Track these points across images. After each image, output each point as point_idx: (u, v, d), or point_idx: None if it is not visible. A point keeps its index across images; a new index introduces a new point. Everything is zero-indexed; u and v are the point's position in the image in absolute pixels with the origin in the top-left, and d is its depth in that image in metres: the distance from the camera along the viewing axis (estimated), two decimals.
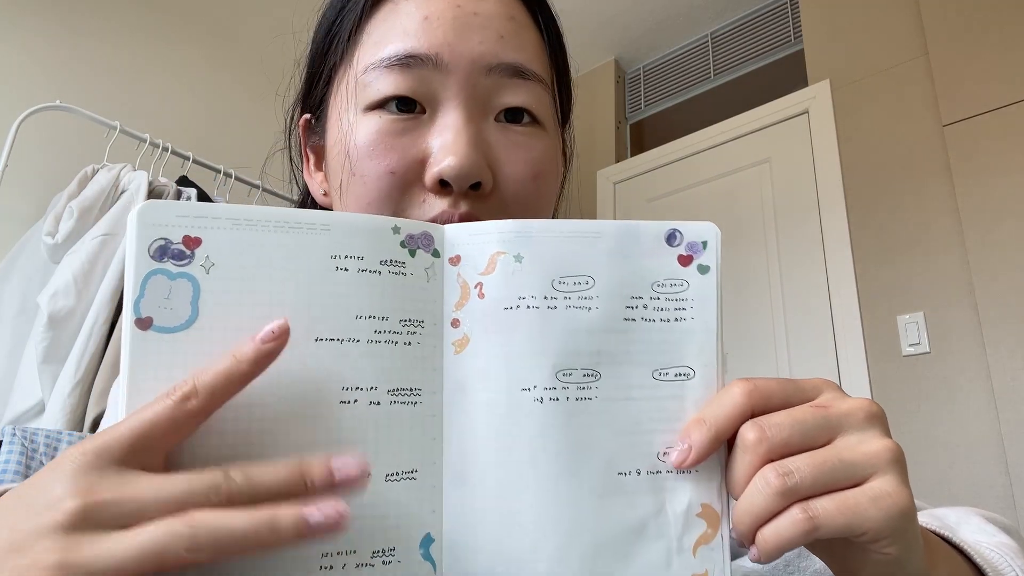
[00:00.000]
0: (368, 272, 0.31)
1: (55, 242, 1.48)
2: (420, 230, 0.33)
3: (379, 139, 0.43)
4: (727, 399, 0.31)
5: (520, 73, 0.45)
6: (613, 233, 0.33)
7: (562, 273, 0.32)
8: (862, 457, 0.29)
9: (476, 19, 0.44)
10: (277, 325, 0.28)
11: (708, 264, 0.33)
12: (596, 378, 0.32)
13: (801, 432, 0.30)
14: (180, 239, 0.29)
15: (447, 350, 0.32)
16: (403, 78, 0.43)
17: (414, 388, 0.31)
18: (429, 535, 0.31)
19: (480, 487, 0.31)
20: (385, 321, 0.31)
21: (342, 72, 0.47)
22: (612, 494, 0.31)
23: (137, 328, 0.28)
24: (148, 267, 0.29)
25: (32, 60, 1.80)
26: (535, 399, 0.31)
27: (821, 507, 0.28)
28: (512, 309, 0.32)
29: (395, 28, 0.44)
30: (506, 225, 0.33)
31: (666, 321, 0.33)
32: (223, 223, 0.30)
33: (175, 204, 0.29)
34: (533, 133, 0.46)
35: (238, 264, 0.30)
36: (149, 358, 0.28)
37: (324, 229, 0.31)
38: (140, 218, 0.29)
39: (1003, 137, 1.78)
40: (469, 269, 0.33)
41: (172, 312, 0.29)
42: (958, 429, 1.71)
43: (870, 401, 0.31)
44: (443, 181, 0.42)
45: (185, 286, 0.29)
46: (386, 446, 0.30)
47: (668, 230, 0.34)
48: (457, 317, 0.33)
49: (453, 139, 0.42)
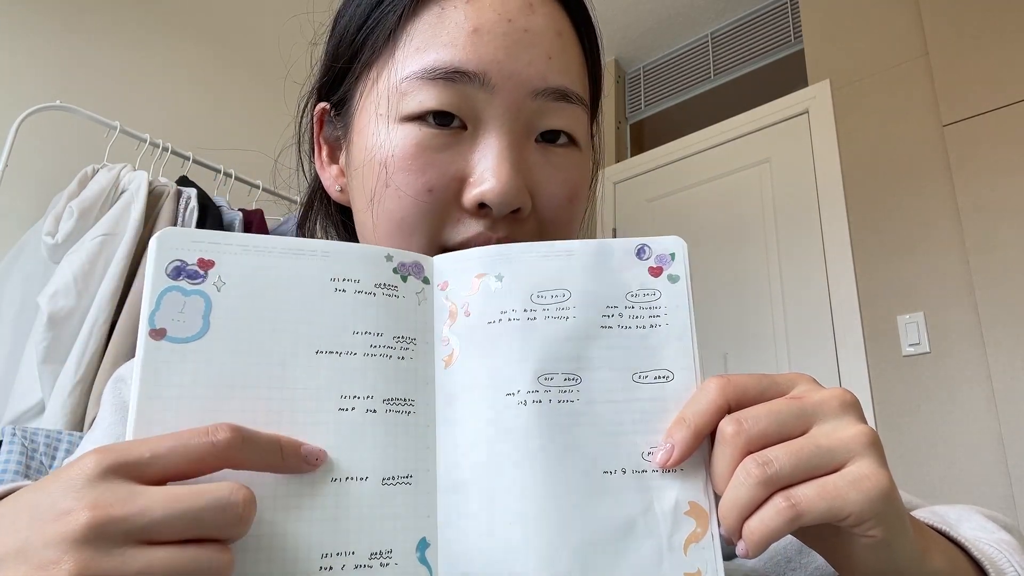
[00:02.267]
0: (364, 293, 0.34)
1: (55, 242, 1.48)
2: (411, 260, 0.36)
3: (417, 153, 0.42)
4: (703, 396, 0.32)
5: (565, 96, 0.44)
6: (585, 251, 0.36)
7: (540, 288, 0.35)
8: (839, 443, 0.30)
9: (526, 36, 0.43)
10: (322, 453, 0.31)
11: (678, 274, 0.36)
12: (577, 382, 0.34)
13: (778, 422, 0.31)
14: (195, 261, 0.32)
15: (438, 365, 0.35)
16: (447, 93, 0.42)
17: (408, 399, 0.33)
18: (425, 539, 0.32)
19: (471, 491, 0.32)
20: (380, 337, 0.34)
21: (376, 72, 0.45)
22: (599, 493, 0.32)
23: (151, 338, 0.31)
24: (164, 284, 0.31)
25: (32, 60, 1.80)
26: (519, 402, 0.33)
27: (802, 494, 0.29)
28: (495, 323, 0.34)
29: (441, 36, 0.43)
30: (486, 251, 0.36)
31: (642, 328, 0.35)
32: (234, 248, 0.33)
33: (192, 232, 0.33)
34: (570, 154, 0.45)
35: (247, 284, 0.32)
36: (161, 366, 0.30)
37: (324, 256, 0.34)
38: (159, 243, 0.32)
39: (1003, 137, 1.78)
40: (456, 293, 0.35)
41: (185, 324, 0.31)
42: (958, 429, 1.71)
43: (843, 390, 0.32)
44: (482, 204, 0.41)
45: (198, 302, 0.32)
46: (382, 451, 0.32)
47: (637, 245, 0.36)
48: (446, 336, 0.35)
49: (496, 163, 0.41)
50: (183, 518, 0.25)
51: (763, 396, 0.32)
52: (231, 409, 0.30)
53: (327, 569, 0.29)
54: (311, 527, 0.30)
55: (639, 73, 3.00)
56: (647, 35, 2.83)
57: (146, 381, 0.30)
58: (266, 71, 2.13)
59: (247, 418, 0.30)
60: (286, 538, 0.29)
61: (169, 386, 0.30)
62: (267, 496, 0.30)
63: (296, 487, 0.30)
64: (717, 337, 2.22)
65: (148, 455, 0.27)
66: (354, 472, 0.31)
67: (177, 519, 0.25)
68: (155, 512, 0.25)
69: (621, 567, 0.31)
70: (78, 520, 0.24)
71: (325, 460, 0.31)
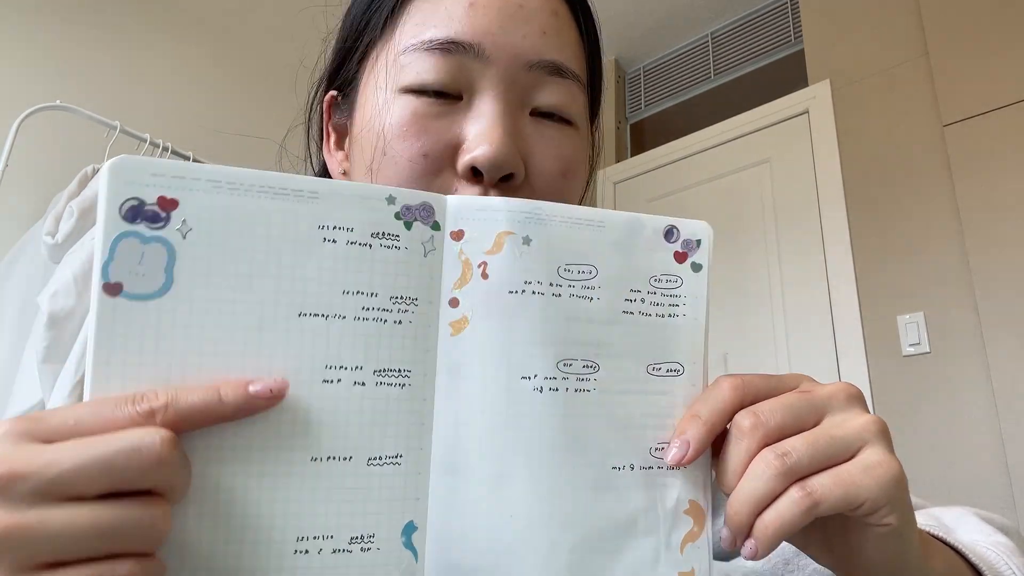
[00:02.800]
0: (358, 245, 0.29)
1: (55, 242, 1.48)
2: (419, 200, 0.31)
3: (414, 120, 0.42)
4: (717, 394, 0.32)
5: (559, 71, 0.45)
6: (617, 224, 0.33)
7: (568, 260, 0.32)
8: (851, 431, 0.30)
9: (521, 12, 0.44)
10: (276, 385, 0.27)
11: (701, 262, 0.34)
12: (595, 370, 0.32)
13: (793, 415, 0.31)
14: (155, 200, 0.27)
15: (443, 330, 0.31)
16: (443, 63, 0.43)
17: (403, 369, 0.30)
18: (412, 523, 0.30)
19: (472, 476, 0.30)
20: (374, 298, 0.29)
21: (379, 50, 0.47)
22: (605, 488, 0.31)
23: (105, 294, 0.26)
24: (118, 228, 0.26)
25: (32, 60, 1.80)
26: (535, 388, 0.31)
27: (818, 483, 0.29)
28: (517, 293, 0.31)
29: (439, 11, 0.44)
30: (516, 204, 0.32)
31: (660, 316, 0.33)
32: (203, 185, 0.27)
33: (151, 161, 0.27)
34: (565, 132, 0.46)
35: (218, 230, 0.27)
36: (117, 326, 0.26)
37: (312, 197, 0.29)
38: (111, 174, 0.26)
39: (1003, 137, 1.78)
40: (473, 246, 0.31)
41: (144, 279, 0.27)
42: (958, 429, 1.71)
43: (848, 384, 0.33)
44: (475, 169, 0.41)
45: (159, 251, 0.27)
46: (369, 429, 0.29)
47: (667, 226, 0.34)
48: (456, 296, 0.31)
49: (489, 127, 0.42)
50: (96, 465, 0.23)
51: (773, 394, 0.32)
52: (199, 378, 0.27)
53: (302, 553, 0.27)
54: (287, 508, 0.28)
55: (639, 73, 3.00)
56: (647, 35, 2.83)
57: (101, 344, 0.26)
58: (267, 71, 2.13)
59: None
60: (260, 519, 0.27)
61: (127, 351, 0.26)
62: (239, 473, 0.27)
63: (272, 466, 0.28)
64: (717, 337, 2.21)
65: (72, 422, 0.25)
66: (336, 452, 0.28)
67: (89, 467, 0.23)
68: (63, 463, 0.23)
69: (619, 565, 0.31)
70: None
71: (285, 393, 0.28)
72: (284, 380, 0.28)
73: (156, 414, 0.25)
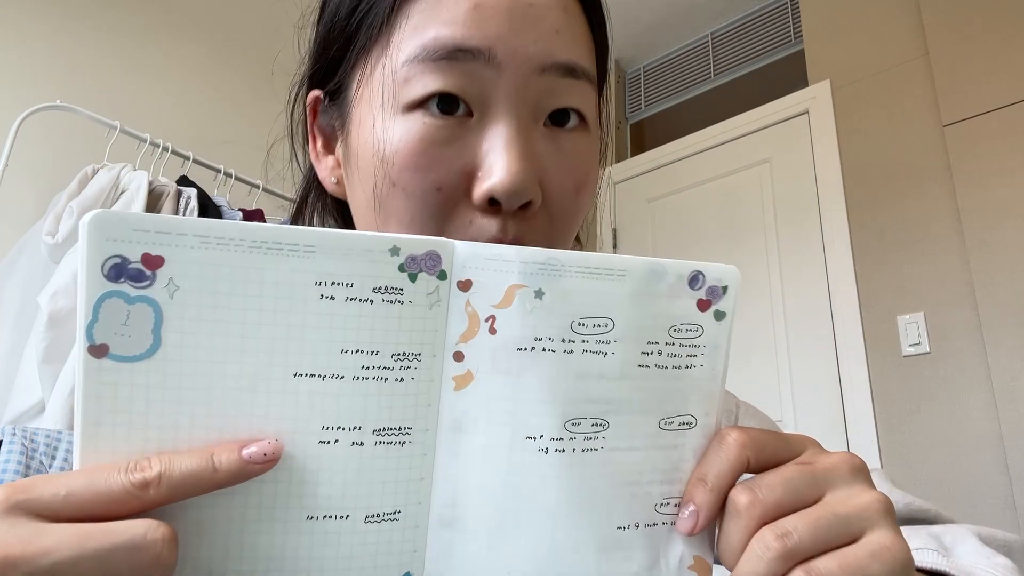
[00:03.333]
0: (358, 301, 0.27)
1: (55, 242, 1.48)
2: (425, 250, 0.28)
3: (423, 148, 0.39)
4: (724, 454, 0.30)
5: (572, 72, 0.42)
6: (637, 272, 0.30)
7: (583, 314, 0.30)
8: (854, 511, 0.29)
9: (532, 11, 0.41)
10: (271, 448, 0.26)
11: (725, 310, 0.32)
12: (604, 427, 0.30)
13: (792, 490, 0.29)
14: (139, 258, 0.25)
15: (445, 385, 0.29)
16: (450, 73, 0.39)
17: (404, 427, 0.29)
18: (409, 574, 0.30)
19: (470, 530, 0.30)
20: (375, 356, 0.28)
21: (375, 59, 0.42)
22: (610, 548, 0.30)
23: (91, 356, 0.25)
24: (102, 288, 0.25)
25: (32, 60, 1.80)
26: (540, 449, 0.30)
27: (824, 567, 0.27)
28: (526, 351, 0.29)
29: (440, 14, 0.40)
30: (530, 254, 0.29)
31: (678, 368, 0.31)
32: (190, 240, 0.26)
33: (133, 216, 0.25)
34: (579, 137, 0.43)
35: (208, 289, 0.26)
36: (105, 388, 0.25)
37: (308, 251, 0.27)
38: (91, 231, 0.25)
39: (1003, 137, 1.78)
40: (481, 298, 0.29)
41: (130, 340, 0.25)
42: (958, 429, 1.71)
43: (852, 454, 0.31)
44: (492, 199, 0.39)
45: (145, 312, 0.25)
46: (368, 488, 0.28)
47: (692, 272, 0.31)
48: (461, 351, 0.29)
49: (504, 153, 0.39)
50: (92, 559, 0.23)
51: (778, 456, 0.30)
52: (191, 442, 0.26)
53: None
54: (283, 565, 0.27)
55: (639, 73, 3.00)
56: (647, 35, 2.83)
57: (88, 407, 0.25)
58: (267, 71, 2.13)
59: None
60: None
61: (116, 412, 0.25)
62: (232, 533, 0.27)
63: (268, 524, 0.27)
64: None
65: (63, 494, 0.24)
66: (333, 511, 0.28)
67: (86, 560, 0.23)
68: (61, 552, 0.23)
69: None
70: None
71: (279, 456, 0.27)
72: (279, 443, 0.27)
73: (150, 486, 0.24)
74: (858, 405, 1.88)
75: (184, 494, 0.25)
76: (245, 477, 0.26)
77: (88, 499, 0.24)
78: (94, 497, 0.24)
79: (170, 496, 0.25)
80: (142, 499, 0.24)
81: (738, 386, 2.15)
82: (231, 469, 0.26)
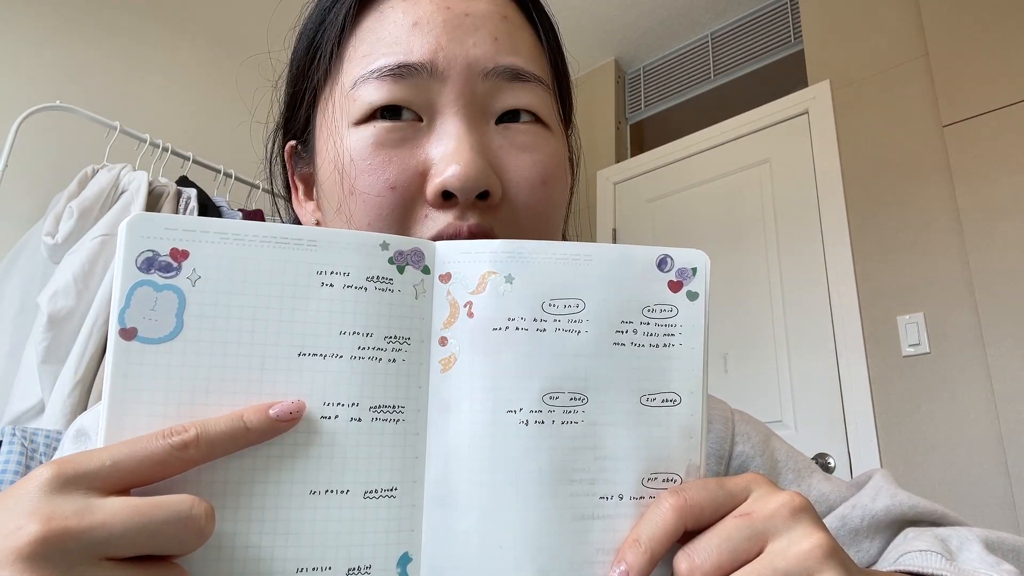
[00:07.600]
0: (354, 288, 0.31)
1: (55, 242, 1.48)
2: (410, 247, 0.33)
3: (375, 151, 0.41)
4: (659, 518, 0.31)
5: (518, 76, 0.43)
6: (605, 257, 0.33)
7: (553, 296, 0.33)
8: (795, 562, 0.29)
9: (468, 20, 0.42)
10: (295, 406, 0.29)
11: (697, 291, 0.34)
12: (583, 402, 0.32)
13: (731, 550, 0.29)
14: (167, 252, 0.29)
15: (433, 368, 0.32)
16: (396, 88, 0.41)
17: (397, 405, 0.31)
18: (407, 554, 0.31)
19: (462, 508, 0.31)
20: (369, 338, 0.31)
21: (328, 90, 0.45)
22: (592, 518, 0.32)
23: (121, 338, 0.29)
24: (134, 278, 0.29)
25: (32, 60, 1.81)
26: (520, 421, 0.32)
27: None
28: (501, 330, 0.32)
29: (383, 38, 0.42)
30: (498, 245, 0.33)
31: (655, 347, 0.33)
32: (211, 237, 0.30)
33: (164, 217, 0.30)
34: (537, 132, 0.44)
35: (224, 277, 0.30)
36: (132, 368, 0.29)
37: (311, 245, 0.31)
38: (129, 230, 0.29)
39: (1003, 137, 1.78)
40: (459, 287, 0.33)
41: (157, 323, 0.29)
42: (958, 429, 1.71)
43: (793, 494, 0.31)
44: (447, 193, 0.40)
45: (171, 298, 0.29)
46: (366, 463, 0.31)
47: (659, 256, 0.34)
48: (445, 335, 0.33)
49: (455, 147, 0.40)
50: (143, 532, 0.24)
51: (718, 512, 0.31)
52: (207, 414, 0.29)
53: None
54: (287, 540, 0.29)
55: (639, 73, 3.00)
56: (647, 35, 2.83)
57: (117, 385, 0.28)
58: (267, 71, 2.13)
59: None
60: (260, 550, 0.29)
61: (140, 390, 0.28)
62: (241, 507, 0.29)
63: (273, 499, 0.29)
64: (717, 337, 2.22)
65: (109, 463, 0.26)
66: (334, 485, 0.30)
67: (137, 533, 0.24)
68: (114, 526, 0.24)
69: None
70: (30, 534, 0.23)
71: (303, 410, 0.30)
72: (301, 402, 0.30)
73: (189, 446, 0.27)
74: (858, 405, 1.88)
75: (221, 451, 0.28)
76: (274, 433, 0.29)
77: (135, 464, 0.26)
78: (140, 462, 0.26)
79: (209, 454, 0.27)
80: (183, 459, 0.27)
81: (738, 386, 2.14)
82: (261, 427, 0.28)
